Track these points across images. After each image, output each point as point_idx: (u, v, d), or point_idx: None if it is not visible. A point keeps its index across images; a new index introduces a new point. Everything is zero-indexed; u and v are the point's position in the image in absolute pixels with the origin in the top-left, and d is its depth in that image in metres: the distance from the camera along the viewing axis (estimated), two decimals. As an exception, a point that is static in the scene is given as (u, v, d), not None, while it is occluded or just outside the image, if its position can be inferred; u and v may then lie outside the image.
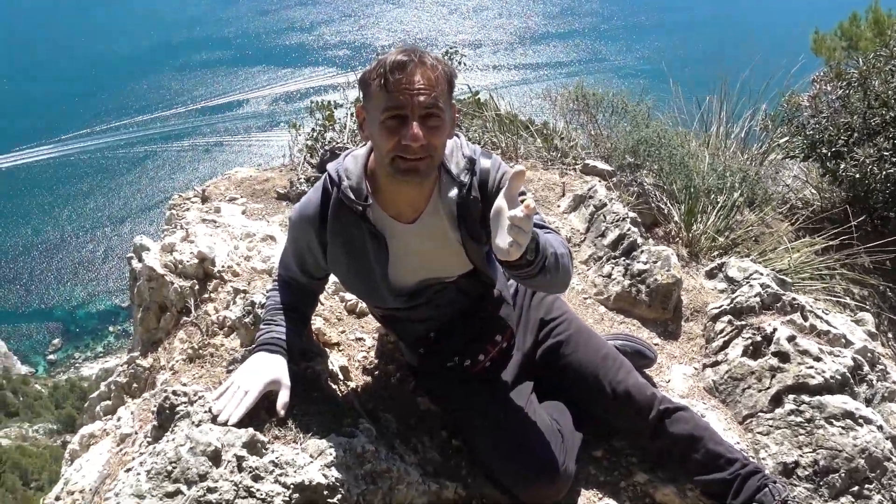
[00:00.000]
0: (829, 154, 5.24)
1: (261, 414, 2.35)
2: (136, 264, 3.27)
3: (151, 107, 72.52)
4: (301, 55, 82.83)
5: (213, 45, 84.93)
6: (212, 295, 3.09)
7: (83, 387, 34.71)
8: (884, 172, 4.90)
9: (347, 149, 4.15)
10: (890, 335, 4.53)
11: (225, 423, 2.07)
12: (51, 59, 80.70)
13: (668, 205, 3.93)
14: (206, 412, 2.23)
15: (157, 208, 54.24)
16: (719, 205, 3.93)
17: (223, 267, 3.15)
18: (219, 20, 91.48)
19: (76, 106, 71.97)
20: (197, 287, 3.14)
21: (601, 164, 4.10)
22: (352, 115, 4.29)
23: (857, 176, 5.00)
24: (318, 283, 2.49)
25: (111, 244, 52.51)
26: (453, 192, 2.18)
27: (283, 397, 2.15)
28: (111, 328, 45.28)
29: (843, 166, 5.11)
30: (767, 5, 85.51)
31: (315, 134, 4.39)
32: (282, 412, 2.13)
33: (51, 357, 45.39)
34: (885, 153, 4.93)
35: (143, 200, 57.08)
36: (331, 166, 2.24)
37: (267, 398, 2.18)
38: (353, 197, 2.14)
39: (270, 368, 2.18)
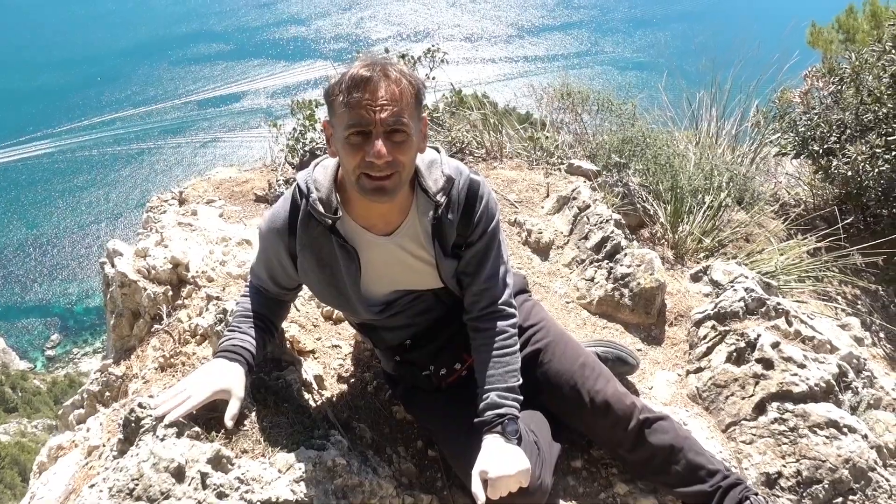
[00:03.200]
0: (820, 151, 5.16)
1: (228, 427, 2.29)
2: (108, 270, 3.20)
3: (148, 100, 72.30)
4: (299, 48, 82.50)
5: (210, 38, 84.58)
6: (185, 301, 3.03)
7: (82, 382, 34.63)
8: (876, 170, 4.82)
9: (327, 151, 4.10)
10: (882, 335, 4.48)
11: (161, 419, 2.02)
12: (43, 52, 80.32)
13: (654, 205, 3.86)
14: (170, 426, 2.18)
15: (154, 203, 54.08)
16: (706, 205, 3.86)
17: (197, 272, 3.08)
18: (215, 13, 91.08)
19: (71, 100, 71.75)
20: (170, 293, 3.08)
21: (586, 164, 4.03)
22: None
23: (850, 173, 4.92)
24: (290, 294, 2.43)
25: (107, 239, 52.21)
26: (429, 212, 2.13)
27: (233, 408, 2.08)
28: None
29: (835, 163, 5.03)
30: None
31: (296, 134, 4.32)
32: (229, 423, 2.07)
33: (49, 353, 45.36)
34: (878, 150, 4.85)
35: (139, 196, 56.89)
36: (300, 177, 2.17)
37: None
38: (321, 210, 2.08)
39: (223, 377, 2.11)
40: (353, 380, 2.84)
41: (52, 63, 77.96)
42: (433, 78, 4.40)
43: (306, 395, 2.61)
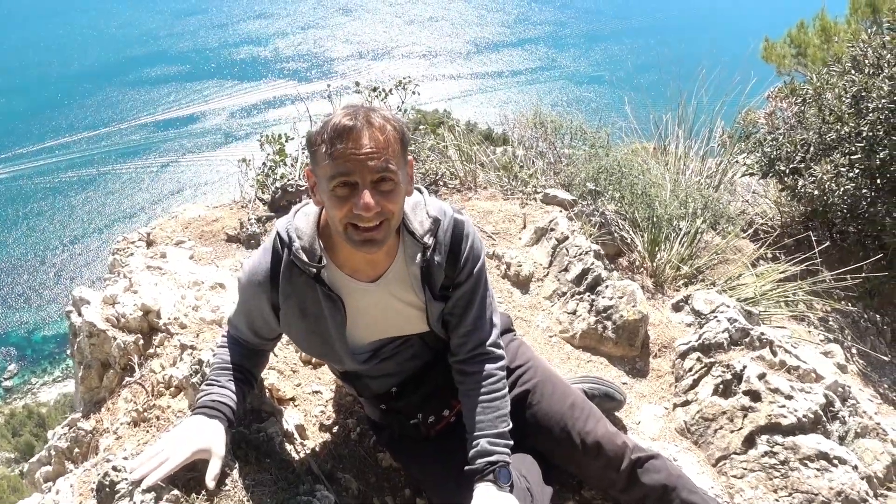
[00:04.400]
0: (787, 171, 5.24)
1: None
2: (75, 318, 3.07)
3: (104, 123, 70.97)
4: (258, 68, 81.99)
5: (167, 59, 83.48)
6: (157, 350, 2.92)
7: (41, 413, 33.84)
8: (841, 188, 4.91)
9: (299, 185, 4.02)
10: (854, 351, 4.54)
11: (138, 483, 1.91)
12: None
13: (632, 233, 3.86)
14: (148, 491, 2.08)
15: (111, 229, 53.29)
16: (682, 232, 3.87)
17: (169, 319, 2.97)
18: (171, 35, 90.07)
19: (24, 124, 70.11)
20: (142, 342, 2.96)
21: (562, 194, 4.01)
22: (303, 148, 4.15)
23: (816, 192, 5.00)
24: (270, 343, 2.34)
25: (63, 266, 51.25)
26: (417, 255, 2.07)
27: (214, 468, 1.97)
28: (69, 351, 44.06)
29: (801, 183, 5.11)
30: (716, 14, 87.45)
31: (266, 169, 4.23)
32: (211, 484, 1.96)
33: (6, 383, 43.99)
34: (842, 169, 4.94)
35: (96, 222, 55.77)
36: (280, 225, 2.09)
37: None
38: (305, 259, 2.01)
39: (203, 435, 2.01)
40: (335, 427, 2.76)
41: (2, 88, 76.18)
42: (405, 111, 4.36)
43: (288, 447, 2.52)
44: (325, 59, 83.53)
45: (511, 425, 2.22)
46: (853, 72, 5.27)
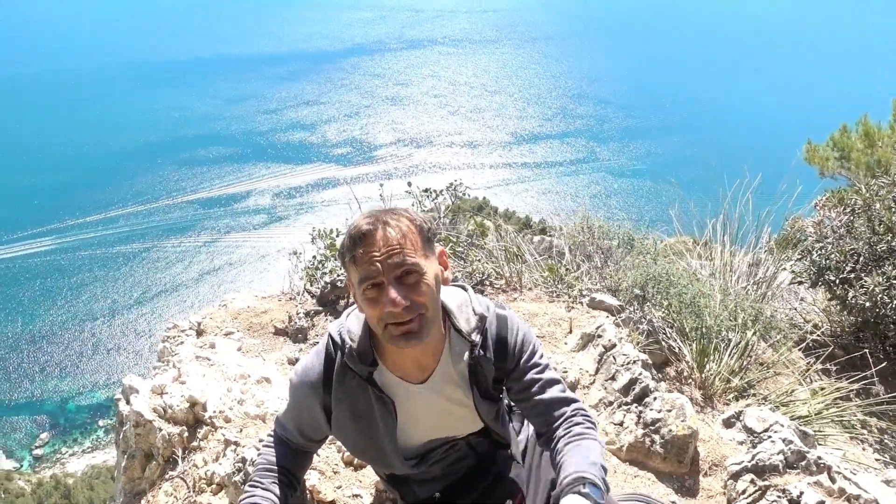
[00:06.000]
0: (836, 280, 5.15)
1: None
2: (123, 407, 3.10)
3: (153, 198, 73.28)
4: (305, 151, 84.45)
5: (217, 141, 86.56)
6: (201, 443, 2.92)
7: (68, 484, 33.66)
8: (894, 301, 4.80)
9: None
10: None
11: None
12: (50, 151, 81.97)
13: (680, 342, 3.80)
14: None
15: (152, 302, 54.37)
16: (732, 343, 3.79)
17: (215, 412, 2.98)
18: (224, 118, 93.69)
19: (75, 197, 72.58)
20: (186, 434, 2.97)
21: (609, 299, 3.99)
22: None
23: (867, 304, 4.89)
24: (315, 445, 2.34)
25: (101, 338, 52.04)
26: (465, 353, 2.08)
27: None
28: (101, 422, 44.24)
29: (851, 293, 5.01)
30: (758, 114, 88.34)
31: (316, 262, 4.31)
32: None
33: (37, 452, 44.09)
34: (894, 281, 4.85)
35: (138, 295, 56.89)
36: (333, 328, 2.13)
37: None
38: (358, 361, 2.03)
39: None
40: (375, 534, 2.69)
41: (58, 162, 79.46)
42: (453, 212, 4.44)
43: (327, 555, 2.47)
44: (370, 145, 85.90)
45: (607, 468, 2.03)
46: (903, 185, 5.25)
